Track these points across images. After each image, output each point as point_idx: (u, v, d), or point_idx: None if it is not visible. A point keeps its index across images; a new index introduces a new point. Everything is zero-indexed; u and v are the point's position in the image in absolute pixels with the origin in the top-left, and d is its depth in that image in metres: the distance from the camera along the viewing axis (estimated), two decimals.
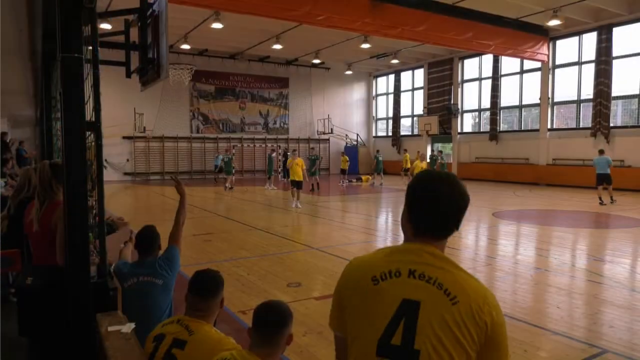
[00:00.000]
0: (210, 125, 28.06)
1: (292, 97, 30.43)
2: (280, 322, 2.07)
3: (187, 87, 25.94)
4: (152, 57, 4.04)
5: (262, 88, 29.43)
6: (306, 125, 31.15)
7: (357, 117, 33.05)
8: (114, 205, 13.07)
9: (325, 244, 8.47)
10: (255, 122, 29.47)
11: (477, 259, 7.53)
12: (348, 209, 14.31)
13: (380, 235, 9.79)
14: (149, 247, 3.24)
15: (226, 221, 11.37)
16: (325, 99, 31.42)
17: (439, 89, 27.42)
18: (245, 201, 15.60)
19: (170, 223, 3.49)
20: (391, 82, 31.48)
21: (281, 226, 10.58)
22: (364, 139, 32.71)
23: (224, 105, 28.33)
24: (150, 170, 26.12)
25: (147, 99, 24.30)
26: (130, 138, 25.49)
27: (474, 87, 26.10)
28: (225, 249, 8.10)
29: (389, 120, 32.13)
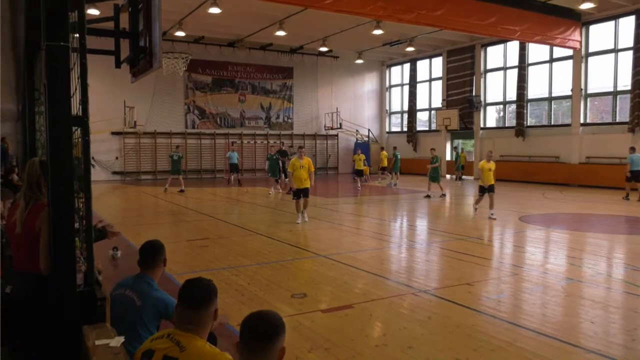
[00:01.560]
0: (207, 120, 28.16)
1: (297, 88, 30.46)
2: (271, 334, 2.05)
3: (182, 78, 26.06)
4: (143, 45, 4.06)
5: (263, 79, 29.49)
6: (312, 120, 31.16)
7: (369, 110, 33.01)
8: (102, 207, 13.14)
9: (334, 250, 8.46)
10: (256, 116, 29.53)
11: (502, 268, 7.49)
12: (359, 212, 14.29)
13: (394, 242, 9.76)
14: (146, 263, 3.26)
15: (224, 225, 11.39)
16: (334, 90, 31.41)
17: (459, 80, 27.32)
18: (245, 203, 15.62)
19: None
20: (406, 72, 31.40)
21: (285, 231, 10.58)
22: (376, 135, 32.67)
23: (222, 98, 28.42)
24: (141, 169, 26.26)
25: (138, 91, 24.43)
26: (120, 134, 25.64)
27: (498, 77, 25.96)
28: (223, 255, 8.12)
29: (404, 114, 32.06)
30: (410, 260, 8.11)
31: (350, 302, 5.68)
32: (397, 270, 7.29)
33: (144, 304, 3.08)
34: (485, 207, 13.18)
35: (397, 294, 6.04)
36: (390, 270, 7.33)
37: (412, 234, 10.78)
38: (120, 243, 8.30)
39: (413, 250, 8.80)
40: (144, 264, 3.27)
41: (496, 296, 5.95)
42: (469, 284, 6.44)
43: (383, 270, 7.22)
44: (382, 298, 5.85)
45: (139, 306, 3.08)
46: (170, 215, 13.24)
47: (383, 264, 7.63)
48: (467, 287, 6.27)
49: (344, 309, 5.45)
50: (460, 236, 9.89)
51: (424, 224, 12.31)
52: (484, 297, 5.90)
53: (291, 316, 5.20)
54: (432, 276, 7.04)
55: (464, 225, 11.67)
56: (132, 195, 18.68)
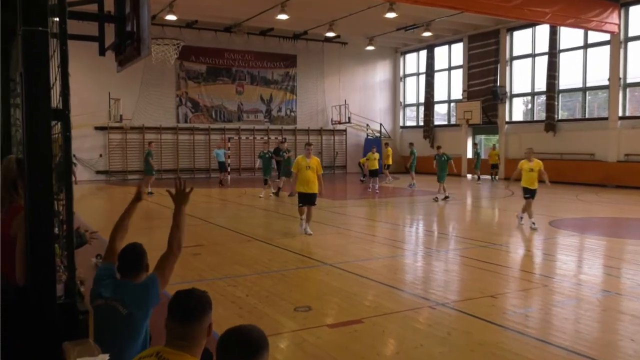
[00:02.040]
0: (201, 113, 28.26)
1: (301, 78, 30.49)
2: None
3: (173, 67, 26.17)
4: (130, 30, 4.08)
5: (263, 68, 29.55)
6: (317, 113, 31.18)
7: (381, 103, 32.99)
8: (85, 210, 13.21)
9: (341, 259, 8.46)
10: (256, 109, 29.60)
11: (530, 278, 7.46)
12: (369, 215, 14.28)
13: (409, 249, 9.75)
14: (128, 268, 3.28)
15: (219, 230, 11.41)
16: (342, 80, 31.43)
17: (481, 68, 27.25)
18: (242, 206, 15.66)
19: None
20: (422, 60, 31.36)
21: (287, 237, 10.60)
22: (389, 130, 32.66)
23: (218, 89, 28.51)
24: (127, 167, 26.39)
25: (124, 82, 24.54)
26: (104, 129, 25.78)
27: (525, 65, 25.88)
28: (218, 264, 8.14)
29: (420, 106, 32.01)
30: (427, 269, 8.09)
31: (359, 316, 5.68)
32: (412, 281, 7.27)
33: (130, 312, 3.09)
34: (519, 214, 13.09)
35: (412, 307, 6.03)
36: (405, 280, 7.32)
37: (428, 240, 10.76)
38: (103, 249, 8.34)
39: (430, 259, 8.78)
40: (124, 270, 3.29)
41: (523, 310, 5.93)
42: (493, 296, 6.42)
43: (396, 280, 7.21)
44: (395, 312, 5.84)
45: (126, 315, 3.09)
46: (160, 219, 13.28)
47: (396, 274, 7.63)
48: (491, 300, 6.25)
49: (353, 323, 5.44)
50: (483, 243, 9.86)
51: (442, 230, 12.27)
52: (509, 311, 5.87)
53: (294, 332, 5.21)
54: (452, 287, 7.02)
55: (487, 230, 11.63)
56: (117, 197, 18.75)
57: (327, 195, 18.59)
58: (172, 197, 3.48)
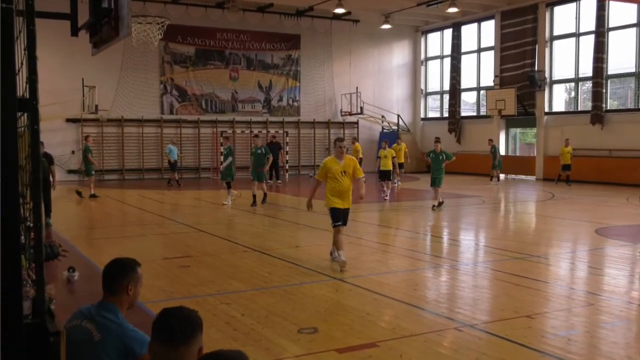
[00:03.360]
0: (189, 103, 28.35)
1: (305, 62, 30.52)
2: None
3: (157, 50, 26.25)
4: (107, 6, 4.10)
5: (262, 50, 29.61)
6: (325, 103, 31.19)
7: (399, 90, 32.96)
8: (56, 215, 13.28)
9: (353, 272, 8.46)
10: (253, 98, 29.67)
11: (572, 295, 7.44)
12: (385, 222, 14.26)
13: (431, 261, 9.74)
14: (111, 287, 3.29)
15: (211, 239, 11.44)
16: (353, 65, 31.44)
17: (517, 50, 27.17)
18: (237, 211, 15.69)
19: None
20: (447, 41, 31.30)
21: (289, 246, 10.61)
22: (408, 122, 32.63)
23: (208, 75, 28.59)
24: (104, 166, 26.50)
25: (100, 67, 24.64)
26: (77, 121, 25.91)
27: (568, 46, 25.80)
28: (209, 278, 8.16)
29: (444, 95, 31.95)
30: (453, 285, 8.08)
31: (374, 339, 5.67)
32: (435, 299, 7.27)
33: (105, 339, 3.10)
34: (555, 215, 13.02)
35: (435, 329, 6.03)
36: (427, 298, 7.31)
37: (454, 251, 10.74)
38: (77, 262, 8.37)
39: (456, 273, 8.77)
40: (106, 288, 3.30)
41: (565, 333, 5.92)
42: (529, 316, 6.41)
43: (417, 298, 7.21)
44: (415, 334, 5.84)
45: (98, 341, 3.10)
46: (142, 226, 13.32)
47: (417, 290, 7.62)
48: (527, 321, 6.24)
49: (366, 347, 5.44)
50: (518, 254, 9.84)
51: (469, 238, 12.24)
52: (549, 334, 5.86)
53: (298, 357, 5.22)
54: (481, 306, 7.01)
55: (523, 239, 11.60)
56: (93, 201, 18.80)
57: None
58: None
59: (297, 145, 30.09)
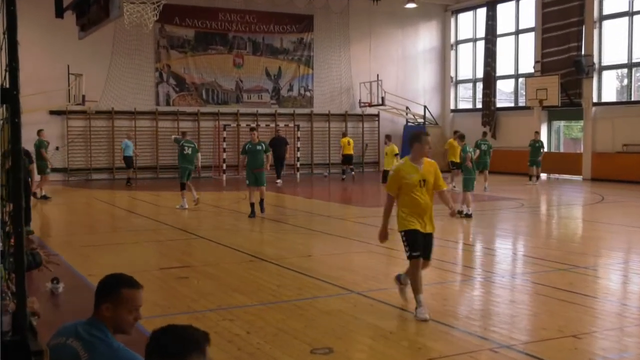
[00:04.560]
0: (188, 93, 28.43)
1: (319, 46, 30.49)
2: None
3: (152, 33, 26.34)
4: None
5: (270, 32, 29.62)
6: (341, 93, 31.14)
7: (425, 78, 32.84)
8: (38, 220, 13.39)
9: (373, 285, 8.45)
10: (260, 87, 29.69)
11: (625, 312, 7.38)
12: None
13: (463, 273, 9.69)
14: (95, 301, 3.32)
15: (212, 246, 11.45)
16: (373, 50, 31.37)
17: (560, 32, 26.97)
18: (242, 215, 15.70)
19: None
20: (481, 22, 31.15)
21: (300, 255, 10.61)
22: (436, 114, 32.49)
23: (210, 61, 28.64)
24: (92, 164, 26.67)
25: (88, 53, 24.79)
26: (62, 113, 26.08)
27: (620, 27, 25.57)
28: (210, 291, 8.17)
29: (477, 83, 31.78)
30: (487, 300, 8.05)
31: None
32: (467, 315, 7.24)
33: (93, 359, 3.12)
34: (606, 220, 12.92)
35: (468, 350, 6.00)
36: (457, 314, 7.28)
37: (489, 261, 10.69)
38: (62, 273, 8.42)
39: (491, 286, 8.72)
40: (94, 304, 3.32)
41: (617, 355, 5.87)
42: (576, 336, 6.37)
43: (446, 314, 7.18)
44: (444, 356, 5.81)
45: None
46: (135, 233, 13.35)
47: (446, 306, 7.59)
48: (573, 341, 6.20)
49: None
50: (562, 265, 9.77)
51: (506, 247, 12.16)
52: (598, 357, 5.82)
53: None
54: (520, 324, 6.97)
55: (567, 248, 11.53)
56: (79, 203, 18.95)
57: (356, 201, 18.54)
58: None
59: (309, 140, 30.07)
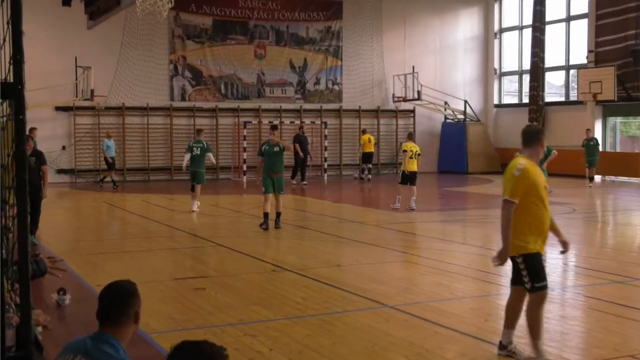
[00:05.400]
0: (205, 87, 28.60)
1: (349, 36, 30.49)
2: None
3: (166, 22, 26.56)
4: None
5: (295, 20, 29.68)
6: (372, 87, 31.11)
7: (466, 70, 32.72)
8: (43, 225, 13.51)
9: (408, 298, 8.43)
10: (283, 80, 29.77)
11: None
12: (449, 235, 14.15)
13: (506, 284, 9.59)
14: (110, 316, 3.34)
15: (231, 255, 11.50)
16: (408, 38, 31.29)
17: (617, 18, 26.69)
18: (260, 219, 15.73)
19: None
20: (528, 7, 30.92)
21: (328, 265, 10.60)
22: (478, 110, 32.30)
23: (229, 52, 28.79)
24: (101, 164, 26.87)
25: (97, 44, 25.06)
26: (69, 109, 26.39)
27: None
28: (230, 303, 8.21)
29: (524, 75, 31.56)
30: None
31: None
32: None
33: None
34: None
35: None
36: (501, 331, 7.22)
37: None
38: (68, 283, 8.50)
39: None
40: (106, 318, 3.35)
41: None
42: (634, 356, 6.31)
43: (489, 331, 7.13)
44: None
45: None
46: (147, 239, 13.44)
47: (489, 321, 7.54)
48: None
49: None
50: (619, 277, 9.66)
51: (556, 257, 12.04)
52: None
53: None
54: (572, 342, 6.92)
55: (624, 258, 11.39)
56: (87, 207, 19.15)
57: (386, 206, 18.46)
58: None
59: (338, 138, 30.09)
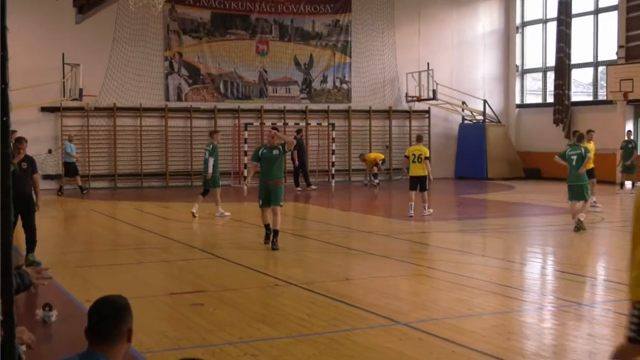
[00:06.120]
0: (203, 86, 28.62)
1: (358, 30, 30.51)
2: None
3: (160, 16, 26.59)
4: None
5: (300, 14, 29.72)
6: (384, 85, 31.09)
7: (485, 68, 32.71)
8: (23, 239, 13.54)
9: (423, 315, 8.43)
10: (288, 78, 29.79)
11: None
12: (467, 246, 14.16)
13: (531, 300, 9.60)
14: (100, 334, 3.36)
15: (231, 268, 11.52)
16: (423, 34, 31.32)
17: None
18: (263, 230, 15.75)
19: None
20: (552, 0, 30.98)
21: (336, 279, 10.61)
22: (498, 111, 32.25)
23: (229, 48, 28.83)
24: (90, 170, 26.94)
25: (87, 40, 25.10)
26: (56, 110, 26.45)
27: None
28: (229, 320, 8.22)
29: (548, 73, 31.51)
30: (560, 333, 7.98)
31: None
32: (536, 352, 7.18)
33: None
34: None
35: None
36: (524, 350, 7.22)
37: (562, 287, 10.56)
38: (55, 298, 8.52)
39: (565, 316, 8.63)
40: (96, 335, 3.36)
41: None
42: None
43: (511, 350, 7.13)
44: None
45: None
46: (140, 251, 13.44)
47: (511, 340, 7.54)
48: None
49: None
50: None
51: (584, 270, 12.01)
52: None
53: None
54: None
55: None
56: (75, 216, 19.17)
57: (398, 214, 18.47)
58: None
59: (346, 141, 30.06)
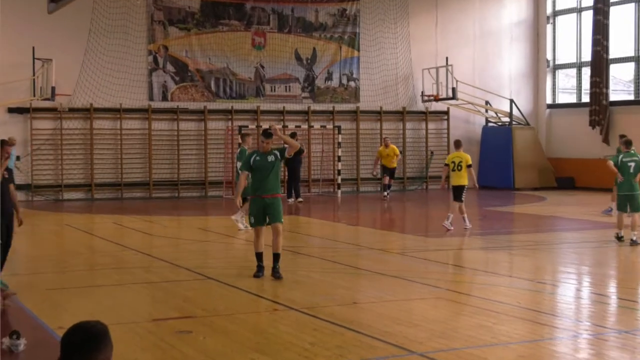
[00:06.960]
0: (191, 84, 28.68)
1: (367, 21, 30.63)
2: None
3: (143, 5, 26.70)
4: None
5: (302, 2, 29.84)
6: (396, 83, 31.16)
7: (512, 63, 32.80)
8: None
9: (443, 343, 8.39)
10: (288, 75, 29.88)
11: None
12: (492, 266, 14.15)
13: (564, 327, 9.56)
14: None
15: (223, 290, 11.51)
16: (441, 25, 31.44)
17: None
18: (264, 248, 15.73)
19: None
20: None
21: (342, 303, 10.60)
22: (527, 112, 32.27)
23: (221, 41, 28.93)
24: (63, 179, 26.98)
25: (60, 31, 25.22)
26: (25, 111, 26.49)
27: None
28: (222, 350, 8.20)
29: (583, 68, 31.56)
30: None
31: None
32: None
33: None
34: None
35: None
36: None
37: (599, 312, 10.56)
38: (23, 324, 8.47)
39: (603, 346, 8.60)
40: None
41: None
42: None
43: None
44: None
45: None
46: (120, 270, 13.43)
47: None
48: None
49: None
50: None
51: (626, 292, 11.97)
52: None
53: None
54: None
55: None
56: (47, 231, 19.18)
57: (413, 229, 18.46)
58: None
59: (354, 146, 30.12)
